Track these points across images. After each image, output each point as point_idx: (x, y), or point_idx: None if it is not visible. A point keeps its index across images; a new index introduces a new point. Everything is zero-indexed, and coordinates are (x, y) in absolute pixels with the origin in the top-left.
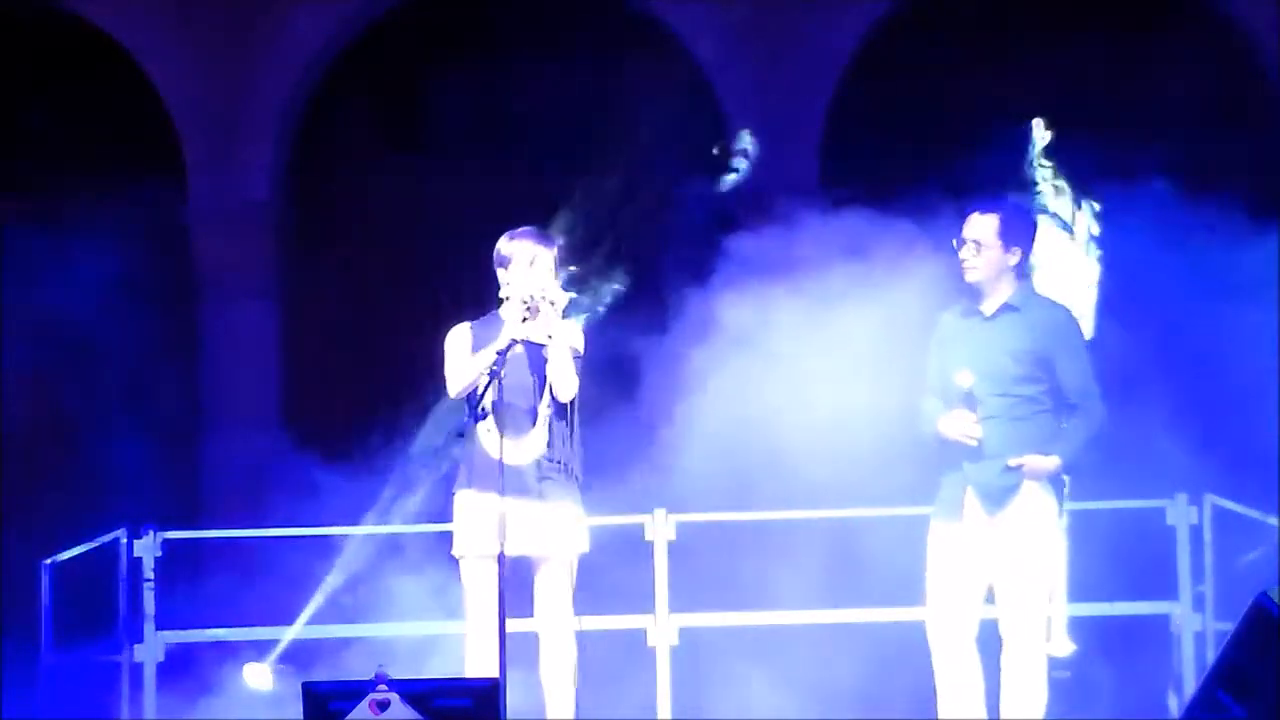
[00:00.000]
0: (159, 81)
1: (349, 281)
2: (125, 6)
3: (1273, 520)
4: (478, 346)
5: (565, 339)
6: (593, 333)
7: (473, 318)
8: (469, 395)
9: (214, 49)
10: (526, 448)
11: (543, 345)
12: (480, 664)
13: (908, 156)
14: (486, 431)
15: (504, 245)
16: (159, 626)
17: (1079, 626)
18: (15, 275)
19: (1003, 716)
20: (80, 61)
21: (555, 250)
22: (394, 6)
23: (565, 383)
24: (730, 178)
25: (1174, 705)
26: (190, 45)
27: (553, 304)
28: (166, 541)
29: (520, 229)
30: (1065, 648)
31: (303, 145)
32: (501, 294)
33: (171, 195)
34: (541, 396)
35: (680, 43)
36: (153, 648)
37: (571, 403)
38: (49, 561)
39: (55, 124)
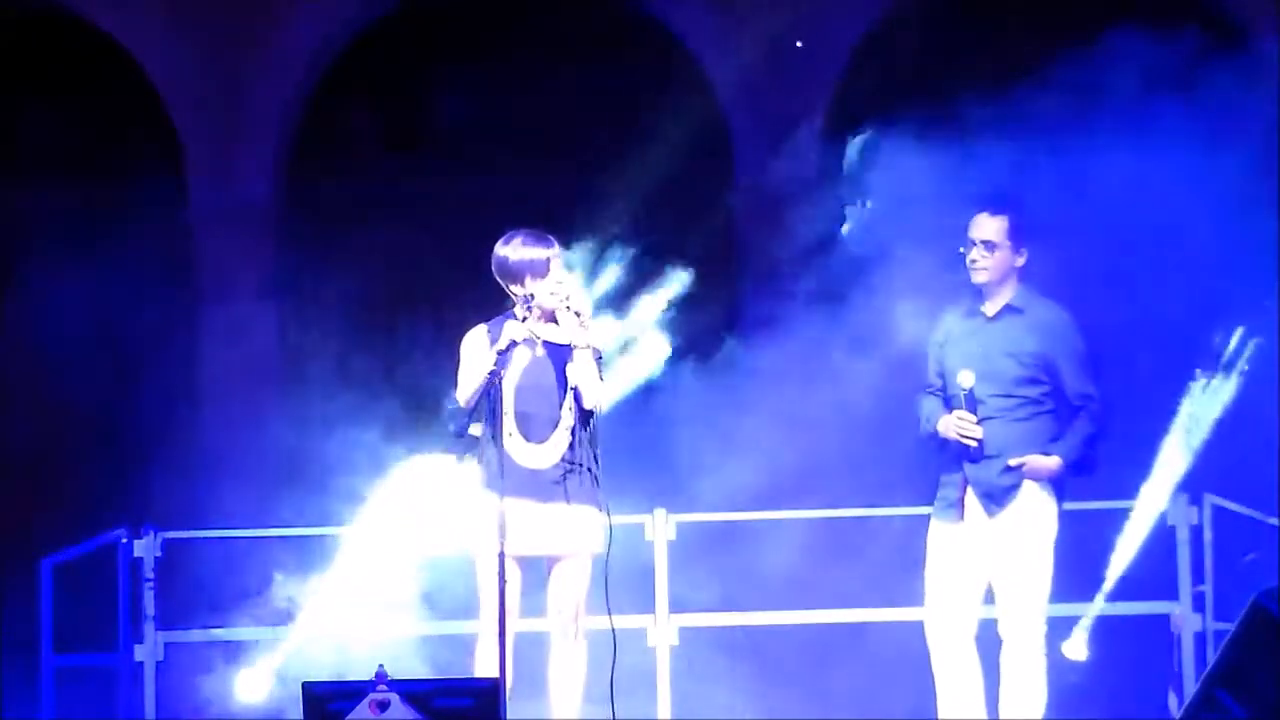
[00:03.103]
0: (159, 82)
1: (349, 281)
2: (125, 6)
3: (1273, 520)
4: None
5: (593, 345)
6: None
7: (472, 317)
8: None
9: (214, 49)
10: (547, 450)
11: (563, 348)
12: (492, 663)
13: (909, 156)
14: (508, 435)
15: (510, 255)
16: (159, 626)
17: (1069, 626)
18: (16, 275)
19: (1002, 716)
20: (80, 61)
21: (557, 248)
22: (393, 7)
23: (592, 389)
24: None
25: (1174, 705)
26: (190, 45)
27: (578, 314)
28: (166, 541)
29: (515, 236)
30: (1080, 653)
31: (302, 145)
32: (520, 304)
33: (171, 195)
34: (563, 400)
35: (680, 43)
36: (153, 648)
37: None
38: (49, 561)
39: (55, 124)
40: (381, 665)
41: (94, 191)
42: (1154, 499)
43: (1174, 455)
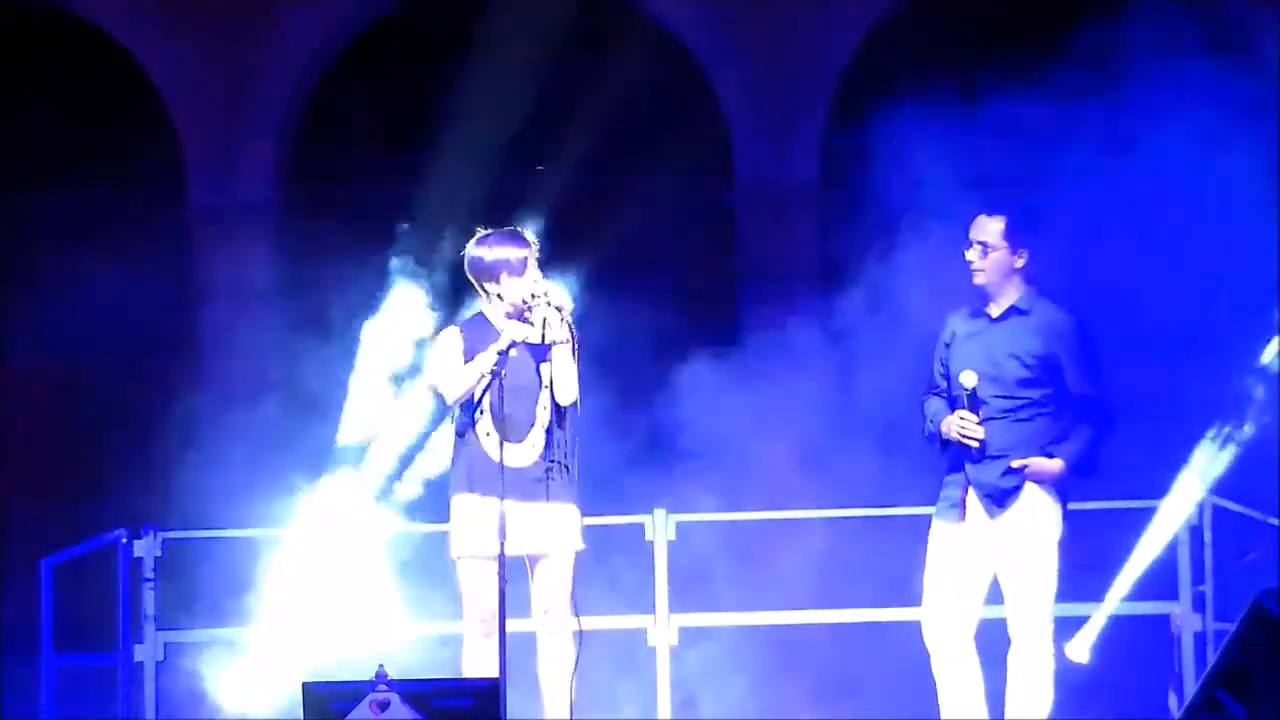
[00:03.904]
0: (159, 81)
1: (349, 281)
2: (125, 6)
3: (1273, 520)
4: (470, 349)
5: (569, 342)
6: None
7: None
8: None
9: (214, 49)
10: (525, 449)
11: (539, 346)
12: (478, 664)
13: (909, 156)
14: (486, 435)
15: (485, 254)
16: (159, 626)
17: (1078, 626)
18: (15, 275)
19: (1008, 716)
20: (80, 61)
21: (533, 246)
22: (393, 7)
23: (568, 386)
24: None
25: (1174, 705)
26: (190, 45)
27: (559, 309)
28: (166, 541)
29: (489, 234)
30: (1082, 655)
31: (303, 145)
32: (493, 301)
33: (171, 195)
34: (539, 398)
35: (680, 42)
36: (153, 648)
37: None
38: (49, 561)
39: (55, 124)
40: (381, 665)
41: (94, 191)
42: (1161, 531)
43: (1185, 493)
